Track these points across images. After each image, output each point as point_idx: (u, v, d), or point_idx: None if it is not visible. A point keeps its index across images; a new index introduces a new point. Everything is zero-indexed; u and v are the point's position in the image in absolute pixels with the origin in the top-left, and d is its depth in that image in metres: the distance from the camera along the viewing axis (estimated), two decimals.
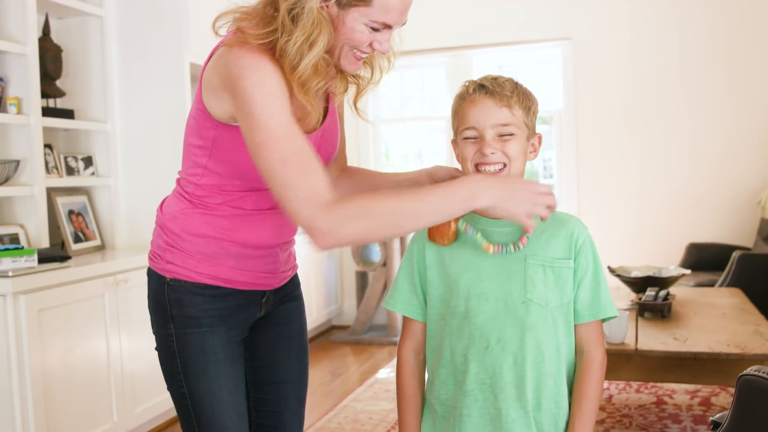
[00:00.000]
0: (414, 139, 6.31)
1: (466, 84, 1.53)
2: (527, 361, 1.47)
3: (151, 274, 1.68)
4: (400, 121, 6.22)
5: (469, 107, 1.50)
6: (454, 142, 1.57)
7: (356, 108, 1.69)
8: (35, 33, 3.34)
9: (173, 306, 1.62)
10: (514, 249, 1.47)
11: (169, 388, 1.67)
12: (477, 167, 1.49)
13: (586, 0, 5.55)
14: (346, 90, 1.65)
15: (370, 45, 1.51)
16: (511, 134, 1.48)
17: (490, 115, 1.47)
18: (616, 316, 1.54)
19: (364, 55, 1.54)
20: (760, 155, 5.27)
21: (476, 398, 1.50)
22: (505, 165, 1.48)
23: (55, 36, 3.71)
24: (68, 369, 2.95)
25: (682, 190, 5.45)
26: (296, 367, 1.83)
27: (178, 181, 1.67)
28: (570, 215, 1.56)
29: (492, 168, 1.48)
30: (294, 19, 1.45)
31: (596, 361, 1.52)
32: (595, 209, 5.58)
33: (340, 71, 1.59)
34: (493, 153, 1.47)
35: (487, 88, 1.49)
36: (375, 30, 1.49)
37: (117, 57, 3.87)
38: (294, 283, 1.85)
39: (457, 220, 1.47)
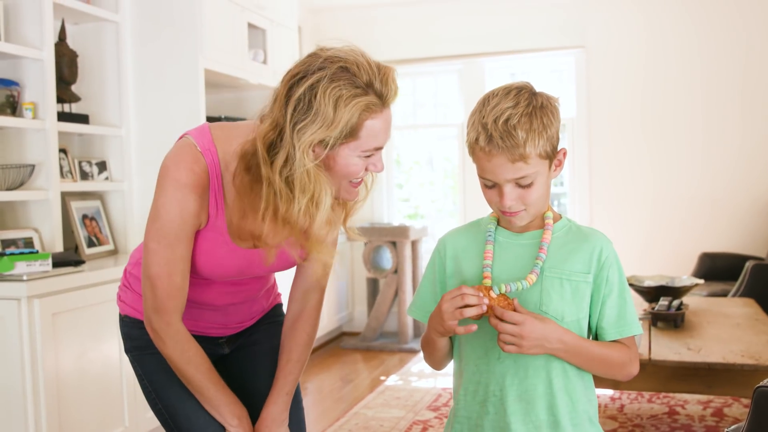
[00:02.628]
0: (425, 146, 6.31)
1: (477, 129, 1.42)
2: (538, 375, 1.46)
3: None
4: (411, 128, 6.22)
5: (482, 158, 1.42)
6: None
7: (347, 229, 1.71)
8: (51, 38, 3.36)
9: (127, 339, 1.78)
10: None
11: (151, 409, 1.77)
12: (502, 212, 1.47)
13: (599, 9, 5.55)
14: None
15: (365, 169, 1.53)
16: (530, 183, 1.42)
17: (504, 171, 1.40)
18: (641, 334, 1.52)
19: (360, 180, 1.56)
20: None
21: (487, 410, 1.49)
22: (525, 209, 1.46)
23: (71, 41, 3.73)
24: (81, 373, 2.96)
25: (694, 200, 5.43)
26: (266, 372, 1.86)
27: None
28: (594, 230, 1.53)
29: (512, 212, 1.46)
30: (290, 183, 1.46)
31: (630, 363, 1.49)
32: (607, 218, 5.57)
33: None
34: (512, 205, 1.44)
35: (497, 143, 1.38)
36: (367, 156, 1.50)
37: (132, 62, 3.89)
38: (270, 313, 1.91)
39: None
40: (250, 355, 1.86)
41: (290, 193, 1.46)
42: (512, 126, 1.37)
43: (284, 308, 1.90)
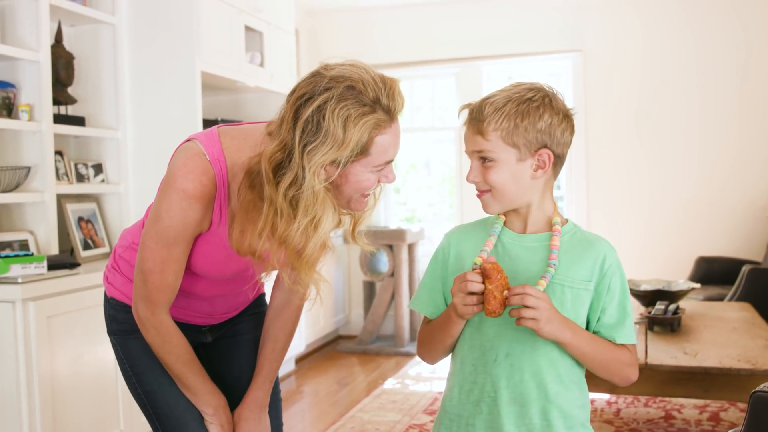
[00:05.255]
0: (422, 149, 6.30)
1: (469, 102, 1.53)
2: (533, 380, 1.45)
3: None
4: (408, 131, 6.22)
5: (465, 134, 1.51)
6: None
7: (355, 238, 1.70)
8: (48, 40, 3.35)
9: (111, 321, 1.79)
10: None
11: (131, 393, 1.79)
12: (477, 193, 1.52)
13: (596, 12, 5.56)
14: (339, 225, 1.67)
15: (378, 182, 1.55)
16: (492, 161, 1.45)
17: (468, 142, 1.48)
18: (634, 344, 1.51)
19: (371, 191, 1.58)
20: None
21: (481, 410, 1.49)
22: (490, 190, 1.48)
23: (67, 43, 3.72)
24: (76, 376, 2.95)
25: (691, 204, 5.43)
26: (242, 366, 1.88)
27: (148, 211, 1.71)
28: (598, 236, 1.53)
29: (480, 192, 1.50)
30: (293, 204, 1.47)
31: (630, 366, 1.50)
32: (604, 222, 5.57)
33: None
34: (475, 180, 1.49)
35: (470, 116, 1.48)
36: (379, 170, 1.52)
37: (129, 64, 3.88)
38: (253, 304, 1.92)
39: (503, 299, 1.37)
40: (233, 345, 1.88)
41: (292, 212, 1.47)
42: (487, 103, 1.45)
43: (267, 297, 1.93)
